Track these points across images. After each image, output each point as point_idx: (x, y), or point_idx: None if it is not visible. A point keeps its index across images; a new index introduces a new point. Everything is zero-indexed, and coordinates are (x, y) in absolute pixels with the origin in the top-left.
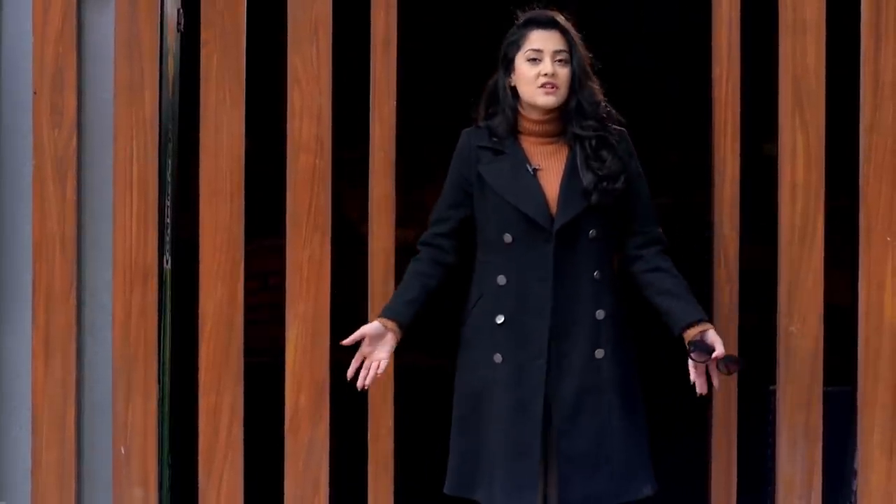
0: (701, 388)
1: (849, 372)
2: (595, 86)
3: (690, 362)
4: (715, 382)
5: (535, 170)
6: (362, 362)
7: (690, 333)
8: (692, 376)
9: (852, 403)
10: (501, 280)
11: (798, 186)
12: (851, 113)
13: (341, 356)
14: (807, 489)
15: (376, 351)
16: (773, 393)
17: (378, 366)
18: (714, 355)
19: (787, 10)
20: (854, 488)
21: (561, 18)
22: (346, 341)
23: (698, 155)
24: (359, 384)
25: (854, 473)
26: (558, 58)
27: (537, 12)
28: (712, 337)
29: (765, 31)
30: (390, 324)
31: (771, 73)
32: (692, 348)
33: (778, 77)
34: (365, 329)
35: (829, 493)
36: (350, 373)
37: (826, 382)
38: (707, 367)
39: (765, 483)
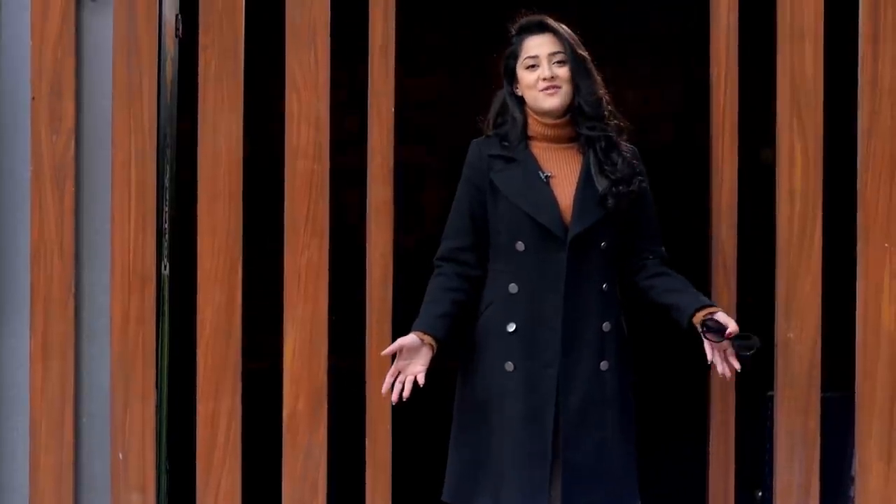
0: (723, 371)
1: (848, 377)
2: (595, 84)
3: (707, 345)
4: (735, 365)
5: (547, 177)
6: (397, 375)
7: (699, 316)
8: (709, 358)
9: (850, 409)
10: (513, 288)
11: (796, 192)
12: (850, 118)
13: (339, 361)
14: (804, 495)
15: (412, 364)
16: (771, 399)
17: (414, 379)
18: (728, 332)
19: (785, 17)
20: (852, 494)
21: (551, 21)
22: (385, 352)
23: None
24: (394, 398)
25: (852, 479)
26: (555, 59)
27: (528, 19)
28: (723, 317)
29: (763, 37)
30: (427, 337)
31: (769, 80)
32: (704, 329)
33: (776, 83)
34: (402, 341)
35: (826, 498)
36: (385, 387)
37: (824, 388)
38: (725, 352)
39: (763, 489)
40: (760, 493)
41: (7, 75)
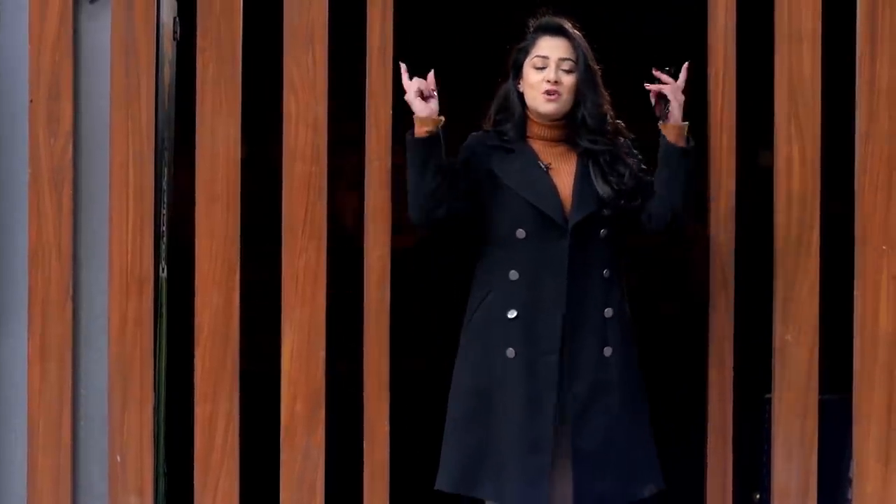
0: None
1: (846, 379)
2: (602, 98)
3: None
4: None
5: (547, 166)
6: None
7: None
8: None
9: (848, 412)
10: (514, 275)
11: (794, 195)
12: (847, 121)
13: (337, 363)
14: (802, 497)
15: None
16: (769, 401)
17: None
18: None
19: (783, 19)
20: (849, 497)
21: (570, 27)
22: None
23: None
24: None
25: (849, 482)
26: (564, 66)
27: (548, 19)
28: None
29: (761, 39)
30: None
31: (767, 82)
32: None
33: (774, 86)
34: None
35: (824, 501)
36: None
37: (822, 390)
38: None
39: (760, 491)
40: (758, 496)
41: (5, 78)
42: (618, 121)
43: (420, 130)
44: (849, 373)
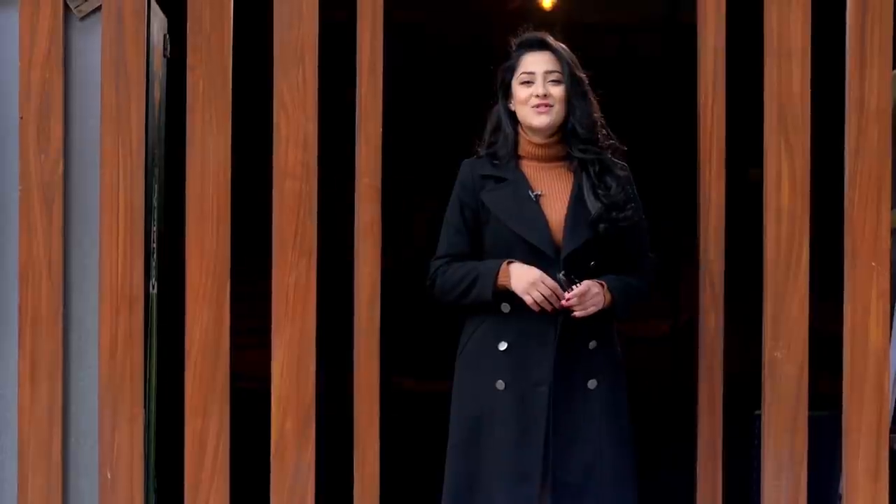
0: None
1: (835, 397)
2: (591, 107)
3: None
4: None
5: (537, 196)
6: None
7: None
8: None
9: (837, 428)
10: (505, 307)
11: (783, 212)
12: (837, 137)
13: (327, 380)
14: None
15: (539, 278)
16: (759, 418)
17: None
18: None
19: (772, 36)
20: None
21: (552, 40)
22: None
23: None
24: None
25: (840, 498)
26: (550, 78)
27: (529, 35)
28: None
29: (751, 56)
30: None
31: (756, 99)
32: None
33: (763, 102)
34: (539, 277)
35: None
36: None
37: (811, 407)
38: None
39: None
40: None
41: None
42: (611, 139)
43: (497, 287)
44: (838, 389)
